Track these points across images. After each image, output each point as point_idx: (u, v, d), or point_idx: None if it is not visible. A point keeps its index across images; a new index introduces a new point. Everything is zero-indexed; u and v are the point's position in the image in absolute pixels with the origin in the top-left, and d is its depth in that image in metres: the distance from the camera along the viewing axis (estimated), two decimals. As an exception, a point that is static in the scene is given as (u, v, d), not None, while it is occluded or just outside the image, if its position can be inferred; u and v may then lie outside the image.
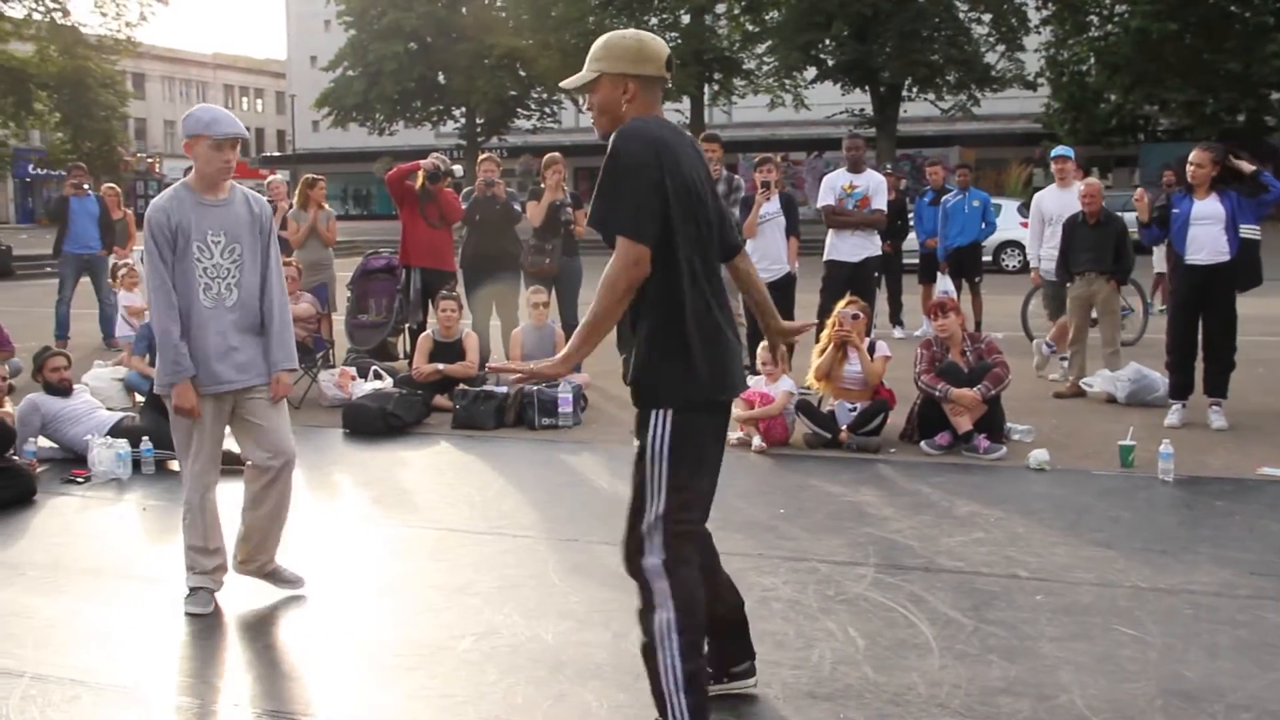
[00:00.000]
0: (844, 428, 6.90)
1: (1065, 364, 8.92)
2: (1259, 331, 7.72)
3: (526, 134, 41.84)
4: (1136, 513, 5.51)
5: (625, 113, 3.12)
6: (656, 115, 3.14)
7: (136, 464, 6.53)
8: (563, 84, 3.29)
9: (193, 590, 4.36)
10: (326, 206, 10.52)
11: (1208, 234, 7.24)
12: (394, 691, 3.62)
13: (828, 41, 32.07)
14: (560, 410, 7.57)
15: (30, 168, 51.06)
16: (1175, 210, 7.36)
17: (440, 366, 8.24)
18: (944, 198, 11.69)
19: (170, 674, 3.79)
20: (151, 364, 8.23)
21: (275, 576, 4.50)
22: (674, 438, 3.03)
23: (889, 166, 16.42)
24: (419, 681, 3.68)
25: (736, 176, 9.49)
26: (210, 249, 4.18)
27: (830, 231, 8.96)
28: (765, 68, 35.83)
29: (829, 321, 7.21)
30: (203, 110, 4.24)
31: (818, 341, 7.30)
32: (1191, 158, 7.39)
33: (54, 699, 3.58)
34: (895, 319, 12.17)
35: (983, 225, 11.58)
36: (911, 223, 12.70)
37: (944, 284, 11.49)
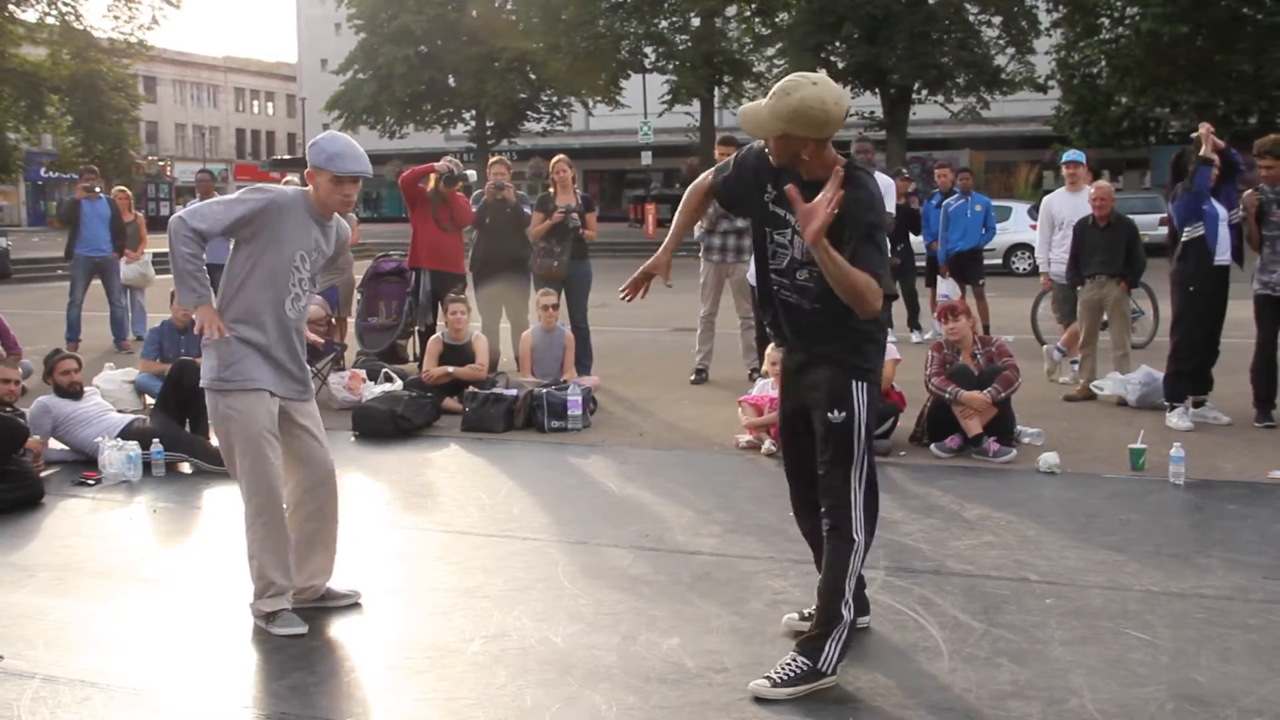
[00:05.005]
0: (854, 431, 6.86)
1: (1076, 367, 8.89)
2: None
3: (536, 137, 41.84)
4: (1147, 516, 5.48)
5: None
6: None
7: (147, 466, 6.55)
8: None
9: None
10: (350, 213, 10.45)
11: (1225, 234, 7.26)
12: (403, 694, 3.62)
13: (838, 44, 32.01)
14: (570, 413, 7.57)
15: (42, 171, 51.31)
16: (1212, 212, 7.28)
17: (450, 369, 8.24)
18: (945, 201, 11.64)
19: (180, 676, 3.80)
20: (164, 363, 8.26)
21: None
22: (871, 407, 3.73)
23: (904, 170, 16.29)
24: (428, 684, 3.68)
25: None
26: (306, 264, 4.15)
27: None
28: (775, 70, 35.75)
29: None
30: (329, 141, 4.12)
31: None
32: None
33: (65, 700, 3.59)
34: (913, 323, 11.98)
35: (983, 231, 11.52)
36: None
37: (944, 287, 11.43)
